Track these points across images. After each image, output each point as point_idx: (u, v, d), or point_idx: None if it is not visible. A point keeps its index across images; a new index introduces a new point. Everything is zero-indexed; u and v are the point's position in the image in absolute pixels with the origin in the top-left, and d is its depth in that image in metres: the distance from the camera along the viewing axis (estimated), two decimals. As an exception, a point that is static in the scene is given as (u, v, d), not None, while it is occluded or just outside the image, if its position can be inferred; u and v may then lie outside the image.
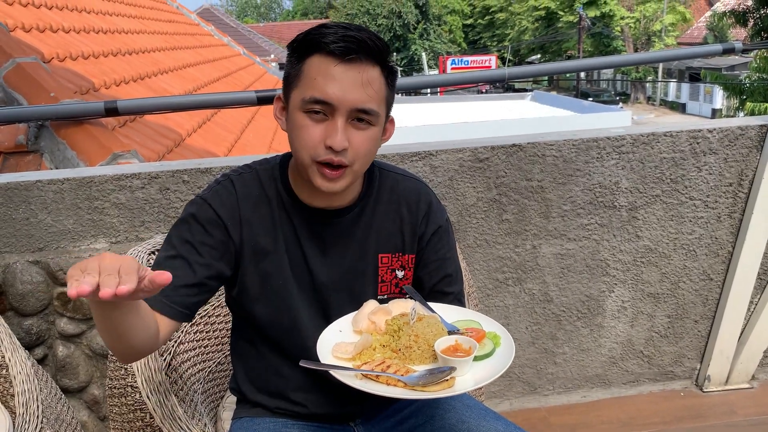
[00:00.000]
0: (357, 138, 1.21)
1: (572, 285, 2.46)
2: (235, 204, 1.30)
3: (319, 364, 1.18)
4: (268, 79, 10.54)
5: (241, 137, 5.72)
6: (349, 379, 1.15)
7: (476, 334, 1.24)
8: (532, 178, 2.32)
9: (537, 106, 19.43)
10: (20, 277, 2.17)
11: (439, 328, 1.23)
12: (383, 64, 1.22)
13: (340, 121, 1.18)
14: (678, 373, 2.63)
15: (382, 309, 1.28)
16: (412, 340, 1.20)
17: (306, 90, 1.19)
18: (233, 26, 25.29)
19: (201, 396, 1.61)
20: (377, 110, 1.21)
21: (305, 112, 1.20)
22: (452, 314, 1.32)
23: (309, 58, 1.20)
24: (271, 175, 1.34)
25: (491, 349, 1.22)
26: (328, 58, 1.18)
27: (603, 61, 8.12)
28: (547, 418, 2.48)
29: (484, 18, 49.98)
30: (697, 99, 33.35)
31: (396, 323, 1.24)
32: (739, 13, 14.94)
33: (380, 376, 1.15)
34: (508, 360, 1.17)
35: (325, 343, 1.23)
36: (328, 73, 1.17)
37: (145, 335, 1.16)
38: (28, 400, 1.61)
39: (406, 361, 1.20)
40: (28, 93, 3.27)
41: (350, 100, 1.18)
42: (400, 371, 1.15)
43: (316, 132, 1.19)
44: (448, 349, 1.18)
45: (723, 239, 2.48)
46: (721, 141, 2.37)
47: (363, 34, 1.18)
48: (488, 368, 1.17)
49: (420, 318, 1.25)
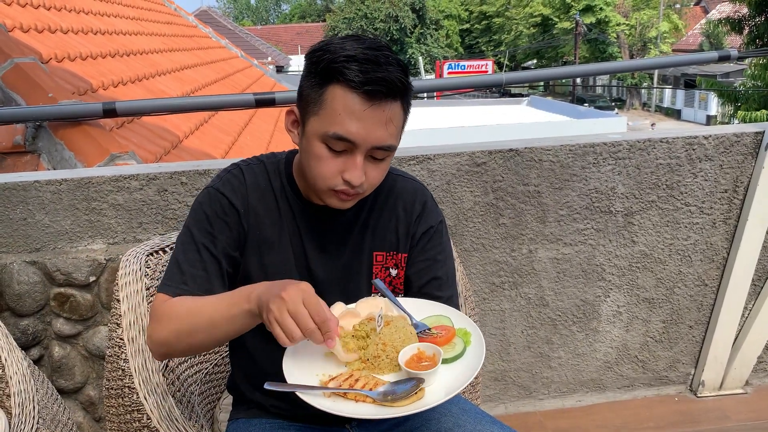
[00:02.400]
0: (373, 172, 1.24)
1: (568, 289, 2.47)
2: (245, 192, 1.32)
3: (284, 385, 1.13)
4: (265, 82, 10.55)
5: (239, 140, 5.72)
6: (316, 399, 1.10)
7: (446, 333, 1.20)
8: (528, 182, 2.33)
9: (533, 111, 19.46)
10: (17, 278, 2.17)
11: (407, 333, 1.18)
12: (403, 97, 1.21)
13: (359, 158, 1.20)
14: (672, 378, 2.64)
15: (349, 312, 1.22)
16: (380, 349, 1.15)
17: (329, 125, 1.18)
18: (231, 28, 25.27)
19: (198, 397, 1.61)
20: (395, 144, 1.23)
21: (324, 143, 1.20)
22: (423, 309, 1.28)
23: (332, 87, 1.17)
24: (277, 169, 1.36)
25: (462, 350, 1.17)
26: (354, 96, 1.16)
27: (599, 67, 8.15)
28: (543, 422, 2.48)
29: (481, 23, 50.11)
30: (693, 106, 33.50)
31: (363, 329, 1.19)
32: (734, 21, 15.00)
33: (348, 393, 1.10)
34: (479, 361, 1.13)
35: (291, 359, 1.18)
36: (353, 113, 1.16)
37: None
38: (24, 400, 1.61)
39: (375, 371, 1.15)
40: (26, 93, 3.26)
41: (372, 139, 1.18)
42: (369, 384, 1.11)
43: (334, 165, 1.21)
44: (412, 360, 1.14)
45: (718, 245, 2.49)
46: (716, 148, 2.38)
47: (391, 75, 1.16)
48: (459, 373, 1.13)
49: (387, 322, 1.19)
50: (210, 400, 1.68)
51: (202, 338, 1.20)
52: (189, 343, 1.22)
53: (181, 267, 1.27)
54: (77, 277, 2.19)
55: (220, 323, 1.18)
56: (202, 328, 1.19)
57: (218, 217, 1.29)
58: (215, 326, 1.18)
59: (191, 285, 1.26)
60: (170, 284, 1.26)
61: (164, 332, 1.22)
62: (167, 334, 1.22)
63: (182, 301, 1.23)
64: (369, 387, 1.10)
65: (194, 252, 1.28)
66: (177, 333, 1.21)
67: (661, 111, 37.05)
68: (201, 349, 1.27)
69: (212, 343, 1.23)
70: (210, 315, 1.18)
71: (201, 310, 1.20)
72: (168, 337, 1.22)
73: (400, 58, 1.22)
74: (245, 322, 1.16)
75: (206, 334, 1.19)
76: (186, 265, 1.27)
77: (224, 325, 1.18)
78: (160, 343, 1.24)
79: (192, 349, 1.26)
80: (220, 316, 1.17)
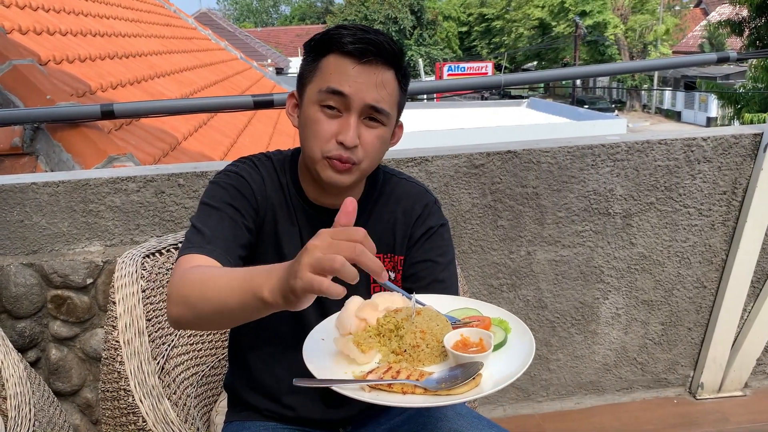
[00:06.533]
0: (367, 136, 1.23)
1: (566, 292, 2.46)
2: (262, 183, 1.32)
3: (316, 381, 0.99)
4: (264, 84, 10.55)
5: (237, 141, 5.72)
6: (357, 392, 0.96)
7: (482, 323, 1.09)
8: (527, 184, 2.33)
9: (533, 113, 19.48)
10: (14, 280, 2.17)
11: (443, 320, 1.08)
12: (397, 68, 1.24)
13: (353, 119, 1.21)
14: (671, 381, 2.63)
15: (369, 304, 1.11)
16: (419, 337, 1.04)
17: (322, 83, 1.21)
18: (230, 30, 25.30)
19: (194, 400, 1.60)
20: (389, 111, 1.24)
21: (320, 105, 1.22)
22: (446, 303, 1.18)
23: (326, 57, 1.22)
24: (283, 166, 1.36)
25: (503, 337, 1.07)
26: (345, 58, 1.20)
27: (599, 68, 8.16)
28: (541, 425, 2.48)
29: (480, 25, 50.15)
30: (693, 107, 33.51)
31: (391, 321, 1.07)
32: (734, 23, 15.03)
33: (393, 385, 0.97)
34: (530, 347, 1.03)
35: (312, 357, 1.04)
36: (344, 71, 1.20)
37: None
38: (21, 403, 1.60)
39: (414, 363, 1.03)
40: (24, 95, 3.26)
41: (364, 96, 1.20)
42: (413, 375, 0.99)
43: (328, 127, 1.21)
44: (457, 347, 1.02)
45: (717, 247, 2.48)
46: (715, 149, 2.38)
47: (380, 38, 1.21)
48: (508, 360, 1.02)
49: (418, 311, 1.08)
50: (206, 403, 1.68)
51: (209, 316, 1.09)
52: (197, 315, 1.09)
53: (200, 230, 1.21)
54: (74, 279, 2.19)
55: (227, 305, 1.05)
56: (208, 307, 1.07)
57: (238, 192, 1.27)
58: (222, 308, 1.06)
59: (216, 245, 1.18)
60: (192, 246, 1.18)
61: (174, 298, 1.11)
62: (175, 301, 1.12)
63: (199, 269, 1.13)
64: (414, 377, 0.98)
65: (215, 219, 1.22)
66: (183, 300, 1.10)
67: (661, 113, 37.06)
68: (210, 325, 1.18)
69: (219, 323, 1.12)
70: (217, 294, 1.06)
71: (215, 283, 1.07)
72: (175, 304, 1.12)
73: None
74: (261, 311, 1.02)
75: (213, 313, 1.07)
76: (207, 229, 1.20)
77: (233, 309, 1.04)
78: (171, 309, 1.12)
79: (201, 323, 1.14)
80: (227, 298, 1.05)
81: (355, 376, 1.01)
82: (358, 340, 1.06)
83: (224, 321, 1.11)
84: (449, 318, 1.11)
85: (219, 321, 1.11)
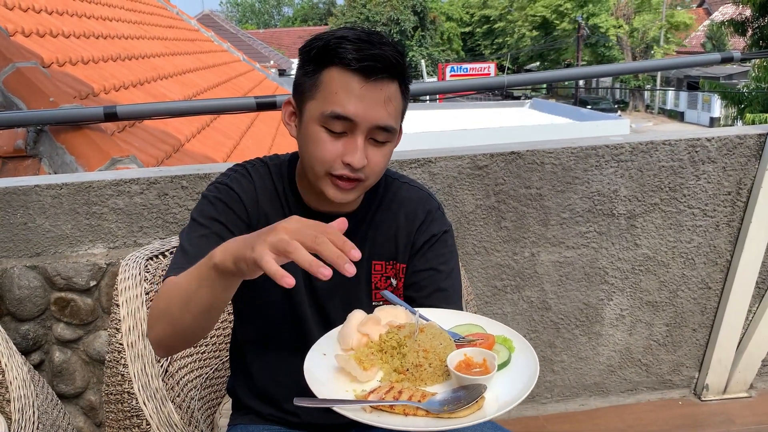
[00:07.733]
0: (375, 156, 1.19)
1: (570, 293, 2.45)
2: (254, 192, 1.29)
3: (317, 401, 0.97)
4: (267, 85, 10.56)
5: (240, 143, 5.72)
6: (357, 413, 0.95)
7: (486, 341, 1.07)
8: (530, 185, 2.32)
9: (536, 113, 19.45)
10: (17, 282, 2.17)
11: (446, 338, 1.06)
12: (401, 78, 1.19)
13: (360, 140, 1.16)
14: (676, 382, 2.62)
15: (371, 319, 1.10)
16: (422, 356, 1.02)
17: (326, 104, 1.15)
18: (233, 32, 25.32)
19: (198, 403, 1.60)
20: (395, 126, 1.20)
21: (323, 126, 1.17)
22: (449, 319, 1.16)
23: (328, 69, 1.15)
24: (280, 171, 1.32)
25: (507, 357, 1.05)
26: (350, 75, 1.14)
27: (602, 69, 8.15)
28: (545, 427, 2.47)
29: (483, 26, 50.17)
30: (696, 107, 33.46)
31: (393, 338, 1.05)
32: (737, 23, 15.01)
33: (395, 406, 0.95)
34: (535, 367, 1.01)
35: (313, 374, 1.02)
36: (350, 91, 1.14)
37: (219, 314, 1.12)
38: (24, 405, 1.60)
39: (416, 382, 1.02)
40: (28, 97, 3.27)
41: (371, 118, 1.15)
42: (416, 396, 0.97)
43: (333, 148, 1.16)
44: (460, 367, 1.00)
45: (721, 248, 2.48)
46: (719, 150, 2.37)
47: (385, 51, 1.14)
48: (512, 382, 1.00)
49: (421, 329, 1.06)
50: (210, 406, 1.67)
51: (179, 314, 1.08)
52: (172, 321, 1.10)
53: (185, 250, 1.21)
54: (78, 281, 2.19)
55: (190, 289, 1.06)
56: (177, 301, 1.09)
57: (226, 207, 1.25)
58: (187, 293, 1.07)
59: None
60: (174, 267, 1.18)
61: (152, 317, 1.12)
62: (153, 320, 1.13)
63: (169, 283, 1.14)
64: (417, 399, 0.96)
65: (199, 237, 1.22)
66: (159, 313, 1.12)
67: (664, 113, 37.01)
68: (183, 330, 1.12)
69: (190, 319, 1.09)
70: (182, 283, 1.09)
71: (180, 281, 1.09)
72: (154, 323, 1.13)
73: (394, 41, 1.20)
74: (216, 281, 1.02)
75: (181, 306, 1.08)
76: (191, 247, 1.20)
77: (195, 291, 1.05)
78: (150, 334, 1.13)
79: (175, 332, 1.12)
80: (190, 281, 1.06)
81: (357, 395, 1.00)
82: (359, 357, 1.05)
83: (196, 315, 1.08)
84: (452, 335, 1.10)
85: (193, 320, 1.09)
